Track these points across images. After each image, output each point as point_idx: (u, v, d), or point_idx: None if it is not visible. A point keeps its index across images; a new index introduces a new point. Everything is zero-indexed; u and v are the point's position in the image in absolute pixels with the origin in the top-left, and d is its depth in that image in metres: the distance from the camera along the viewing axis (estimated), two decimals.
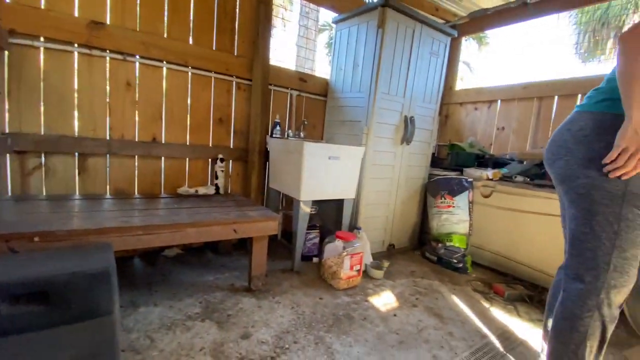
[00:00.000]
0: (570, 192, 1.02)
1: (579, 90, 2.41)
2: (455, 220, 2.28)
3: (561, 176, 1.05)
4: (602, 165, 0.93)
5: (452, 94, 3.27)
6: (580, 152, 0.99)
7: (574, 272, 1.02)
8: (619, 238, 0.93)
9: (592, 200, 0.96)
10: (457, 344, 1.39)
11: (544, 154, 1.15)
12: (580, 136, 0.99)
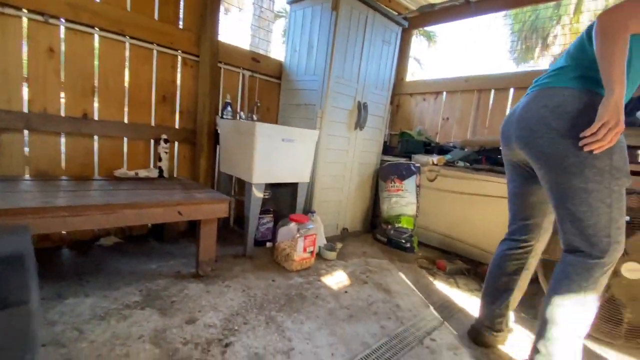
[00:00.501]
0: (559, 172, 1.00)
1: (512, 84, 2.66)
2: (404, 203, 2.39)
3: (545, 155, 1.02)
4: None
5: (403, 85, 3.41)
6: (565, 129, 0.97)
7: (576, 249, 1.01)
8: (612, 211, 0.97)
9: (586, 178, 0.96)
10: (403, 315, 1.47)
11: (515, 130, 1.12)
12: (561, 112, 0.98)
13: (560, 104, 0.99)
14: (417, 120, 3.28)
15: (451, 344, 1.27)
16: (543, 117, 1.02)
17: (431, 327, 1.39)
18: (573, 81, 1.00)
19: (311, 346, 1.20)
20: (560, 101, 0.99)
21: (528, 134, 1.07)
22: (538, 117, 1.03)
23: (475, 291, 1.78)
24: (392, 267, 2.03)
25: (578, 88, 0.98)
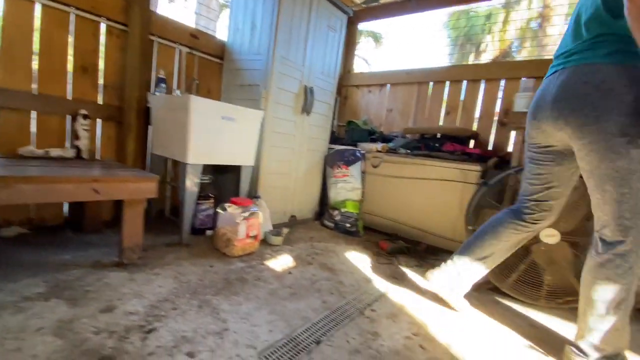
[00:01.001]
0: (603, 152, 0.95)
1: (448, 78, 2.84)
2: (349, 188, 2.41)
3: (590, 134, 0.97)
4: (638, 121, 0.91)
5: (350, 77, 3.47)
6: (612, 107, 0.93)
7: (614, 232, 0.98)
8: None
9: (631, 159, 0.93)
10: (346, 290, 1.46)
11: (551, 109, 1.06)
12: (605, 89, 0.94)
13: (603, 81, 0.94)
14: (363, 111, 3.36)
15: (390, 313, 1.28)
16: (586, 94, 0.97)
17: (372, 299, 1.39)
18: (614, 57, 0.94)
19: (248, 325, 1.12)
20: (602, 78, 0.94)
21: (569, 113, 1.01)
22: (581, 95, 0.98)
23: (415, 267, 1.85)
24: (338, 250, 2.02)
25: (619, 63, 0.93)
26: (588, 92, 0.97)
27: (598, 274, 1.01)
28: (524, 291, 1.50)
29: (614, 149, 0.94)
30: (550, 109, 1.08)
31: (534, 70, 2.39)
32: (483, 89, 2.68)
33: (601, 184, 1.00)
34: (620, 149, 0.93)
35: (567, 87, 1.02)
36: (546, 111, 1.10)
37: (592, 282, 1.03)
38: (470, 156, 2.24)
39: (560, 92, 1.04)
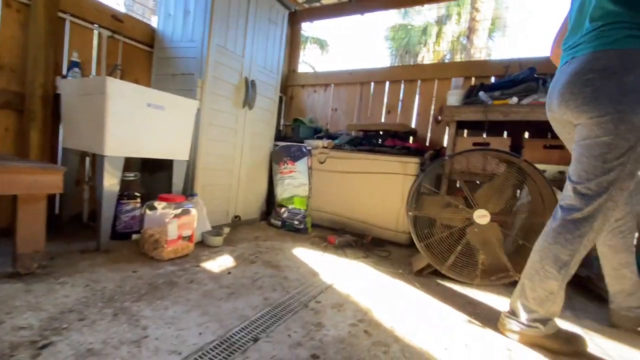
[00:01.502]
0: (593, 126, 0.99)
1: (387, 78, 2.96)
2: (296, 184, 2.34)
3: (584, 111, 1.01)
4: (635, 99, 0.94)
5: (295, 77, 3.44)
6: (612, 87, 0.96)
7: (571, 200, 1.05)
8: (633, 167, 0.98)
9: (617, 134, 0.96)
10: (290, 284, 1.37)
11: (557, 98, 1.09)
12: (608, 73, 0.97)
13: (606, 65, 0.98)
14: (309, 110, 3.34)
15: (335, 303, 1.23)
16: (589, 79, 1.00)
17: (318, 291, 1.33)
18: (615, 43, 0.97)
19: (173, 330, 0.97)
20: (606, 63, 0.98)
21: (569, 97, 1.05)
22: (584, 80, 1.01)
23: (361, 258, 1.83)
24: (285, 247, 1.93)
25: (622, 48, 0.96)
26: (591, 77, 1.00)
27: (549, 237, 1.08)
28: (461, 272, 1.56)
29: (602, 123, 0.98)
30: (557, 98, 1.11)
31: (462, 71, 2.59)
32: (419, 89, 2.83)
33: (580, 156, 1.05)
34: (610, 125, 0.96)
35: (574, 75, 1.04)
36: (555, 100, 1.13)
37: (541, 244, 1.10)
38: (409, 150, 2.32)
39: (569, 79, 1.06)
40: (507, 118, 1.92)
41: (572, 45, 1.09)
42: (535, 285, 1.08)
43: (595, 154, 0.99)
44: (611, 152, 0.97)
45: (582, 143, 1.03)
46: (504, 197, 1.54)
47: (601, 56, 0.99)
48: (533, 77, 2.03)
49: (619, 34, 0.97)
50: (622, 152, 0.96)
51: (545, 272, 1.06)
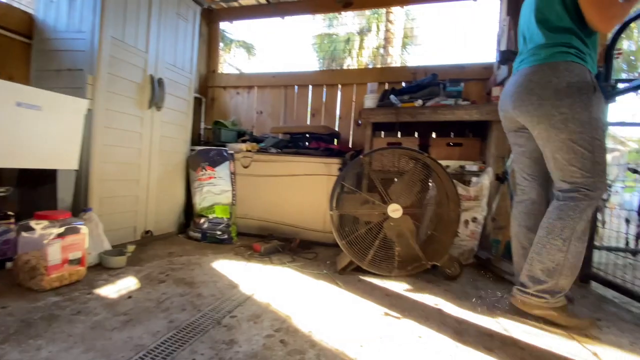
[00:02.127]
0: (550, 129, 1.20)
1: (310, 82, 2.99)
2: (217, 191, 2.19)
3: (537, 117, 1.23)
4: (571, 102, 1.15)
5: (215, 77, 3.26)
6: (550, 95, 1.18)
7: (566, 180, 1.21)
8: (595, 156, 1.16)
9: (570, 130, 1.16)
10: (203, 302, 1.24)
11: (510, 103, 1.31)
12: (545, 82, 1.20)
13: (543, 76, 1.21)
14: (232, 113, 3.20)
15: (253, 315, 1.14)
16: (531, 88, 1.23)
17: (235, 305, 1.22)
18: (548, 58, 1.21)
19: None
20: (543, 74, 1.21)
21: (520, 104, 1.27)
22: (527, 89, 1.24)
23: (288, 263, 1.78)
24: (203, 261, 1.77)
25: (554, 61, 1.20)
26: (532, 87, 1.23)
27: (552, 214, 1.22)
28: (380, 265, 1.62)
29: (555, 125, 1.18)
30: (510, 102, 1.33)
31: (377, 76, 2.75)
32: (340, 93, 2.92)
33: (552, 153, 1.23)
34: (560, 125, 1.17)
35: (519, 86, 1.28)
36: (508, 104, 1.35)
37: (546, 222, 1.23)
38: (332, 151, 2.37)
39: (515, 89, 1.30)
40: (415, 119, 2.08)
41: (518, 61, 1.37)
42: (543, 257, 1.20)
43: (565, 150, 1.18)
44: (575, 144, 1.16)
45: (550, 145, 1.23)
46: (414, 191, 1.65)
47: (537, 69, 1.24)
48: (436, 82, 2.24)
49: (548, 52, 1.22)
50: (582, 144, 1.16)
51: (551, 245, 1.19)
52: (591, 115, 1.16)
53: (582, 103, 1.16)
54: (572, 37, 1.20)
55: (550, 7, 1.24)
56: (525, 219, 1.40)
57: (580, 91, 1.16)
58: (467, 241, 1.87)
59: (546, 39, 1.23)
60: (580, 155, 1.17)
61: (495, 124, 1.96)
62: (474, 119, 1.96)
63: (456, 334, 1.08)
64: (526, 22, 1.36)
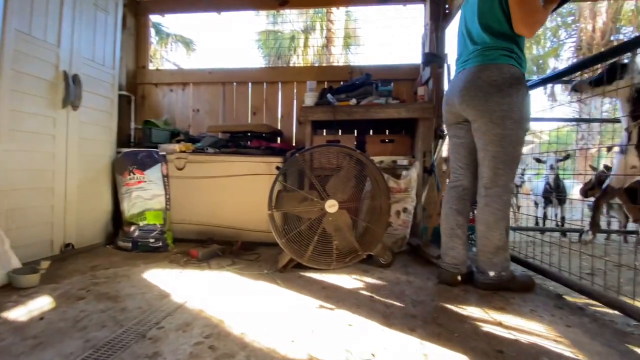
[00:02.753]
0: (489, 124, 1.37)
1: (250, 79, 2.93)
2: (148, 196, 2.04)
3: (481, 111, 1.38)
4: (510, 101, 1.32)
5: (145, 74, 3.03)
6: (495, 92, 1.34)
7: (491, 181, 1.41)
8: (515, 153, 1.38)
9: (505, 127, 1.34)
10: (128, 316, 1.16)
11: (458, 98, 1.44)
12: (491, 81, 1.34)
13: (490, 76, 1.35)
14: (166, 112, 3.01)
15: (182, 324, 1.10)
16: (479, 85, 1.37)
17: (163, 315, 1.16)
18: (500, 59, 1.36)
19: None
20: (490, 74, 1.35)
21: (469, 99, 1.40)
22: (476, 86, 1.38)
23: (227, 266, 1.73)
24: (133, 272, 1.64)
25: (499, 63, 1.35)
26: (481, 84, 1.37)
27: (484, 211, 1.43)
28: (319, 260, 1.66)
29: (494, 121, 1.35)
30: (458, 97, 1.46)
31: (316, 75, 2.80)
32: (281, 91, 2.91)
33: (485, 145, 1.41)
34: (498, 121, 1.35)
35: (468, 82, 1.42)
36: (455, 99, 1.48)
37: (481, 218, 1.44)
38: (274, 150, 2.36)
39: (464, 85, 1.43)
40: (351, 117, 2.16)
41: (461, 60, 1.51)
42: (488, 247, 1.42)
43: (496, 144, 1.37)
44: (505, 140, 1.36)
45: (484, 137, 1.40)
46: (349, 186, 1.72)
47: (484, 68, 1.38)
48: (369, 81, 2.34)
49: (495, 54, 1.37)
50: (510, 141, 1.36)
51: (491, 234, 1.41)
52: (522, 115, 1.36)
53: (519, 103, 1.34)
54: (512, 43, 1.37)
55: (492, 13, 1.36)
56: (456, 202, 1.57)
57: (518, 92, 1.34)
58: (400, 230, 2.00)
59: (491, 42, 1.38)
60: (504, 150, 1.37)
61: (421, 121, 2.13)
62: (402, 116, 2.10)
63: (384, 318, 1.16)
64: (470, 23, 1.48)
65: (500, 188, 1.41)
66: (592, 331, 1.09)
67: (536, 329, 1.09)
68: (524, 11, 1.27)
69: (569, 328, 1.10)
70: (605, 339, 1.03)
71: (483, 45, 1.40)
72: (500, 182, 1.40)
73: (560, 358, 0.92)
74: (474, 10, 1.43)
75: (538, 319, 1.17)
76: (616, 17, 9.00)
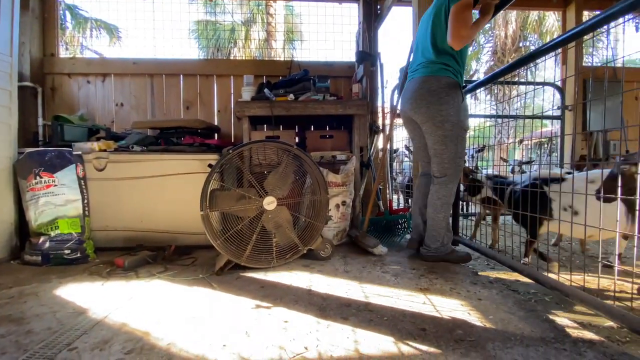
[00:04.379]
0: (433, 127, 1.64)
1: (182, 71, 2.74)
2: (60, 202, 1.80)
3: (425, 117, 1.65)
4: (447, 107, 1.59)
5: (55, 62, 2.65)
6: (435, 101, 1.60)
7: (439, 173, 1.70)
8: (457, 149, 1.65)
9: (445, 129, 1.61)
10: (34, 339, 1.01)
11: (408, 106, 1.71)
12: (432, 90, 1.61)
13: (431, 87, 1.61)
14: (83, 106, 2.68)
15: (101, 341, 0.99)
16: (422, 94, 1.63)
17: (79, 334, 1.04)
18: (439, 72, 1.61)
19: None
20: (431, 85, 1.61)
21: (413, 106, 1.68)
22: (419, 95, 1.64)
23: (158, 274, 1.61)
24: (43, 290, 1.44)
25: (442, 75, 1.61)
26: (423, 94, 1.63)
27: (433, 195, 1.73)
28: (259, 259, 1.63)
29: (436, 124, 1.63)
30: (407, 104, 1.73)
31: (253, 69, 2.73)
32: (217, 85, 2.78)
33: (432, 145, 1.68)
34: (439, 124, 1.62)
35: (414, 90, 1.67)
36: (405, 106, 1.75)
37: (431, 200, 1.73)
38: (210, 147, 2.24)
39: (411, 94, 1.69)
40: (289, 113, 2.15)
41: (412, 70, 1.77)
42: (435, 226, 1.71)
43: (440, 143, 1.64)
44: (447, 139, 1.62)
45: (431, 138, 1.67)
46: (288, 182, 1.71)
47: (427, 79, 1.64)
48: (307, 77, 2.35)
49: (435, 67, 1.63)
50: (451, 139, 1.62)
51: (437, 215, 1.71)
52: (459, 117, 1.62)
53: (455, 108, 1.60)
54: (451, 59, 1.62)
55: (439, 30, 1.60)
56: (424, 187, 1.86)
57: (454, 99, 1.60)
58: (340, 222, 2.06)
59: (434, 57, 1.63)
60: (447, 148, 1.64)
61: (357, 117, 2.20)
62: (339, 113, 2.15)
63: (320, 310, 1.18)
64: (422, 36, 1.71)
65: (446, 178, 1.69)
66: (498, 302, 1.24)
67: (454, 305, 1.21)
68: (454, 27, 1.48)
69: (481, 301, 1.25)
70: (508, 307, 1.19)
71: (428, 59, 1.66)
72: (447, 173, 1.69)
73: (472, 327, 1.03)
74: (427, 27, 1.66)
75: (456, 295, 1.31)
76: (524, 26, 10.33)
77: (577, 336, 1.00)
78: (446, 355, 0.89)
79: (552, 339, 0.97)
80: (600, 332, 1.04)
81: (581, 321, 1.12)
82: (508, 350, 0.91)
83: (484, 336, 0.99)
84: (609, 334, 1.04)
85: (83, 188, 1.90)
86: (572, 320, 1.11)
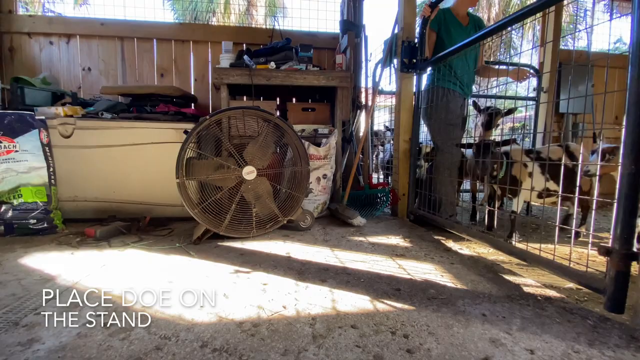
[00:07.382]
0: (429, 122, 2.05)
1: (155, 35, 2.57)
2: (22, 169, 1.68)
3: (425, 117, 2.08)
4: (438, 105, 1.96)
5: (12, 20, 2.42)
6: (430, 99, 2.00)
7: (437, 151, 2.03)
8: (449, 133, 1.96)
9: (429, 118, 2.03)
10: None
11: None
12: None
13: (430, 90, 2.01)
14: (46, 69, 2.47)
15: (70, 305, 0.95)
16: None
17: (46, 299, 1.00)
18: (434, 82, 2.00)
19: None
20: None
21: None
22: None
23: (132, 244, 1.56)
24: (5, 259, 1.36)
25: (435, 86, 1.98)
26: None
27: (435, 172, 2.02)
28: (238, 228, 1.62)
29: (425, 115, 2.05)
30: None
31: (232, 36, 2.59)
32: (193, 52, 2.63)
33: (431, 133, 2.06)
34: (426, 115, 2.04)
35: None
36: None
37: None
38: (185, 116, 2.15)
39: None
40: (270, 82, 2.08)
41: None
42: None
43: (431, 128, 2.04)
44: (440, 128, 1.97)
45: (430, 130, 2.07)
46: (268, 152, 1.68)
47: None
48: (289, 46, 2.26)
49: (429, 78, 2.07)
50: (441, 128, 1.97)
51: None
52: (447, 114, 1.94)
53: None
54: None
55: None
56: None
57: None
58: (320, 195, 2.06)
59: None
60: (441, 134, 1.99)
61: (340, 89, 2.16)
62: (322, 84, 2.10)
63: (299, 274, 1.19)
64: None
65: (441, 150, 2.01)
66: (469, 265, 1.30)
67: (428, 268, 1.26)
68: None
69: (453, 265, 1.30)
70: (478, 270, 1.25)
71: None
72: (440, 148, 2.01)
73: (444, 287, 1.08)
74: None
75: (430, 260, 1.36)
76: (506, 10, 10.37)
77: (540, 294, 1.07)
78: (419, 310, 0.93)
79: (517, 296, 1.03)
80: (561, 292, 1.12)
81: (544, 282, 1.19)
82: (477, 305, 0.96)
83: (455, 294, 1.03)
84: (569, 294, 1.12)
85: (48, 155, 1.78)
86: (536, 281, 1.18)
